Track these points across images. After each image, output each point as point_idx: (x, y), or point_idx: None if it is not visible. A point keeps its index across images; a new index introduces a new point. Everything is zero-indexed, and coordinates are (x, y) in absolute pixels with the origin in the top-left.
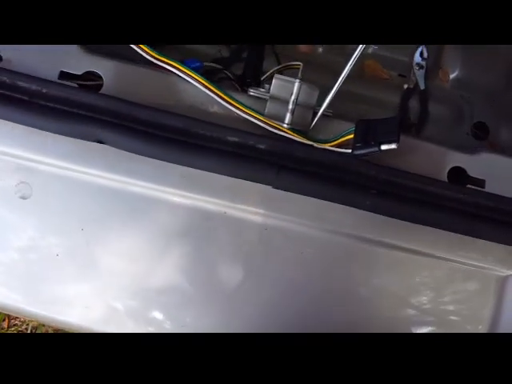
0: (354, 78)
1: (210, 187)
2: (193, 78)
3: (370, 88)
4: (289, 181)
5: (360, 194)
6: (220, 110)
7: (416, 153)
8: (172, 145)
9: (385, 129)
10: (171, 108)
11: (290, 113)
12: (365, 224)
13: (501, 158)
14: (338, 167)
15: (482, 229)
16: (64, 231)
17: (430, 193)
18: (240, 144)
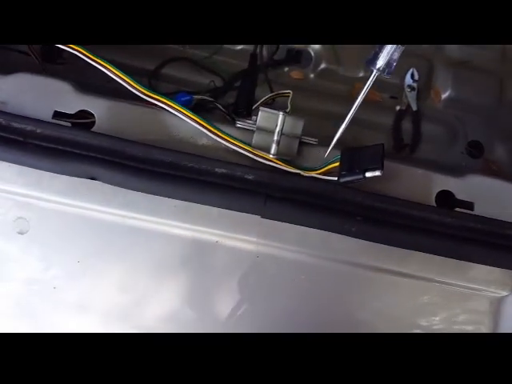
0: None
1: (203, 217)
2: (182, 112)
3: (362, 111)
4: (276, 210)
5: (345, 221)
6: (209, 142)
7: (404, 178)
8: (161, 179)
9: (369, 156)
10: (162, 143)
11: (276, 144)
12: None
13: (489, 180)
14: (324, 195)
15: (471, 252)
16: (61, 264)
17: (415, 217)
18: (228, 175)
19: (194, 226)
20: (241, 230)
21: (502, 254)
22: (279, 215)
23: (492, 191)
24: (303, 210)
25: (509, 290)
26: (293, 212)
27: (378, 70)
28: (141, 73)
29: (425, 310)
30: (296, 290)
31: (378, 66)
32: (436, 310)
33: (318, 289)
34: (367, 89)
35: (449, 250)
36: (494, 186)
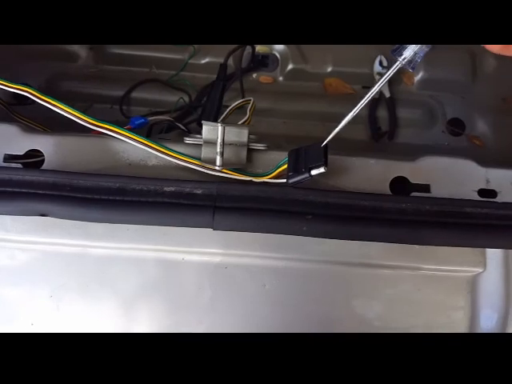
0: (318, 98)
1: (164, 236)
2: (127, 136)
3: (336, 105)
4: (225, 221)
5: (295, 222)
6: (159, 162)
7: (357, 170)
8: (110, 206)
9: (313, 154)
10: (112, 170)
11: (220, 155)
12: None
13: (442, 159)
14: (275, 198)
15: (430, 235)
16: (33, 301)
17: (368, 208)
18: (176, 193)
19: (157, 246)
20: (204, 243)
21: (463, 232)
22: (229, 225)
23: (447, 170)
24: (251, 217)
25: (482, 266)
26: (241, 220)
27: (402, 60)
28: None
29: (401, 298)
30: (269, 295)
31: (403, 57)
32: (412, 298)
33: (290, 290)
34: (385, 79)
35: (407, 236)
36: (447, 165)
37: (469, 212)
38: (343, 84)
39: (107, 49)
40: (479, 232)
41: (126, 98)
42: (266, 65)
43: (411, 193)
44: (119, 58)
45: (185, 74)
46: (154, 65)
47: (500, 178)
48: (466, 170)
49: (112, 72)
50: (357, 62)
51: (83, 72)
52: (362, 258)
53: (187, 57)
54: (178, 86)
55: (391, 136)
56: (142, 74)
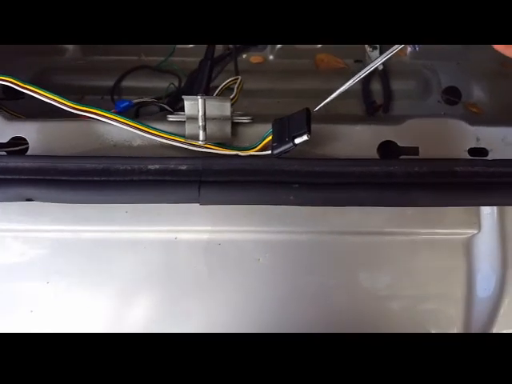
0: (310, 75)
1: (155, 216)
2: (111, 118)
3: (329, 80)
4: (211, 195)
5: (282, 192)
6: (144, 142)
7: (344, 137)
8: (96, 187)
9: (296, 123)
10: (97, 152)
11: (202, 129)
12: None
13: (428, 120)
14: (260, 170)
15: (420, 196)
16: (31, 288)
17: (355, 173)
18: (161, 170)
19: (149, 227)
20: (196, 220)
21: (454, 192)
22: (215, 199)
23: (435, 131)
24: (237, 190)
25: (477, 227)
26: (227, 193)
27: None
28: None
29: (398, 265)
30: (263, 268)
31: None
32: (409, 263)
33: (284, 263)
34: (390, 54)
35: (397, 198)
36: (436, 126)
37: (459, 171)
38: (335, 59)
39: None
40: (470, 190)
41: (116, 87)
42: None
43: (400, 156)
44: (107, 48)
45: (174, 60)
46: (142, 52)
47: (490, 135)
48: (455, 130)
49: (101, 62)
50: None
51: (72, 64)
52: (356, 227)
53: None
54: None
55: (386, 109)
56: (131, 62)
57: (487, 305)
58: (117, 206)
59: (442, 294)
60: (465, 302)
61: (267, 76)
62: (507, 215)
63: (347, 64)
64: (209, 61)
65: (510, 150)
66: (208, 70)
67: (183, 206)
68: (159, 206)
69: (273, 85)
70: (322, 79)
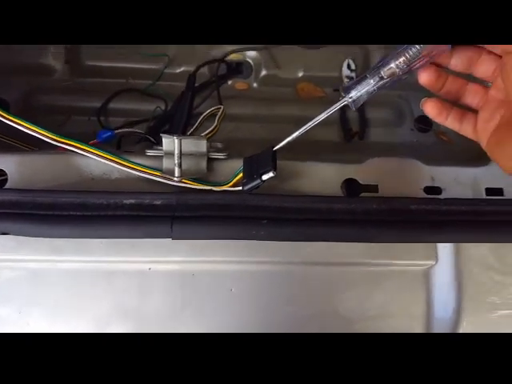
0: (291, 103)
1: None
2: (89, 151)
3: (309, 108)
4: (183, 230)
5: (252, 227)
6: (122, 175)
7: (311, 174)
8: (70, 222)
9: (263, 160)
10: (75, 185)
11: (178, 166)
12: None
13: (388, 160)
14: (232, 205)
15: (378, 233)
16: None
17: (321, 210)
18: (136, 205)
19: (123, 257)
20: (170, 251)
21: (409, 229)
22: (187, 234)
23: (394, 170)
24: (209, 225)
25: (434, 259)
26: (199, 229)
27: (349, 98)
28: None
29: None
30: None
31: (350, 95)
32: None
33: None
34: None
35: (357, 235)
36: (394, 165)
37: (414, 209)
38: (314, 88)
39: (83, 61)
40: (424, 228)
41: (103, 108)
42: (241, 72)
43: (361, 193)
44: (95, 70)
45: (161, 84)
46: (130, 76)
47: (444, 175)
48: (412, 169)
49: (89, 84)
50: (326, 66)
51: (60, 85)
52: (324, 258)
53: (163, 66)
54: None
55: (362, 136)
56: (119, 84)
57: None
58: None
59: (402, 323)
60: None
61: (251, 102)
62: (461, 248)
63: (326, 93)
64: (190, 92)
65: (461, 188)
66: (189, 101)
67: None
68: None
69: (256, 110)
70: (302, 106)
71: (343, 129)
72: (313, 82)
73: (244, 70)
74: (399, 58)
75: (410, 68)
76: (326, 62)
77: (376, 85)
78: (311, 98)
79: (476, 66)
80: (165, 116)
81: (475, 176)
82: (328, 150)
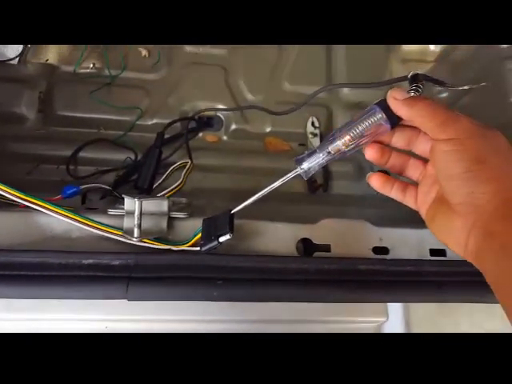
0: (259, 155)
1: (87, 305)
2: (50, 210)
3: (275, 161)
4: (138, 291)
5: (206, 288)
6: (82, 233)
7: (267, 234)
8: (27, 282)
9: (221, 222)
10: (35, 244)
11: (137, 227)
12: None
13: (340, 221)
14: (189, 266)
15: (327, 294)
16: None
17: (274, 269)
18: (94, 265)
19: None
20: (126, 310)
21: (356, 289)
22: (143, 296)
23: (345, 230)
24: (164, 286)
25: (385, 316)
26: (155, 290)
27: (301, 169)
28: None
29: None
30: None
31: (302, 167)
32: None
33: None
34: (286, 178)
35: (308, 295)
36: (345, 226)
37: (363, 269)
38: (281, 142)
39: (55, 111)
40: (371, 288)
41: (73, 157)
42: (212, 125)
43: (314, 253)
44: (67, 120)
45: (132, 135)
46: (101, 126)
47: (391, 236)
48: (362, 230)
49: (60, 133)
50: (292, 123)
51: (30, 133)
52: (280, 315)
53: (135, 118)
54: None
55: (325, 188)
56: (90, 134)
57: None
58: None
59: None
60: None
61: (220, 154)
62: (410, 304)
63: (292, 147)
64: (157, 149)
65: (406, 249)
66: (156, 157)
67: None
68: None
69: (225, 162)
70: (269, 159)
71: (308, 181)
72: (280, 136)
73: (215, 124)
74: (344, 137)
75: (355, 145)
76: (292, 119)
77: (324, 158)
78: (278, 151)
79: (415, 143)
80: (134, 166)
81: (420, 237)
82: (293, 201)
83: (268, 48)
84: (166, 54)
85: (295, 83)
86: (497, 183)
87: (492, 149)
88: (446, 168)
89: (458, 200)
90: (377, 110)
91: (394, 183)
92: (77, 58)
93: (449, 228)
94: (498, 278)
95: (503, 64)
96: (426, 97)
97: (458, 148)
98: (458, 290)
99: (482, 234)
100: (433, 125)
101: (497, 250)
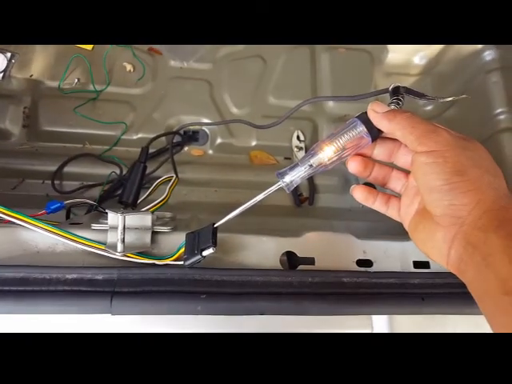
0: (244, 169)
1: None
2: (34, 225)
3: (261, 174)
4: (122, 306)
5: (190, 302)
6: (66, 248)
7: (252, 247)
8: (12, 297)
9: (204, 236)
10: (19, 258)
11: (121, 242)
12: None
13: (324, 234)
14: (173, 280)
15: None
16: None
17: (259, 283)
18: (77, 280)
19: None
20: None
21: (339, 302)
22: (127, 310)
23: (329, 243)
24: (148, 300)
25: (370, 328)
26: (138, 304)
27: (283, 182)
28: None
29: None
30: None
31: (284, 180)
32: None
33: None
34: (269, 192)
35: (291, 308)
36: (329, 239)
37: (346, 282)
38: (267, 156)
39: (40, 127)
40: (354, 301)
41: (58, 172)
42: (197, 139)
43: (299, 266)
44: (52, 135)
45: (118, 149)
46: (87, 141)
47: (375, 248)
48: (346, 243)
49: (45, 148)
50: (277, 136)
51: (15, 149)
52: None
53: (120, 133)
54: (110, 160)
55: (311, 201)
56: (76, 149)
57: None
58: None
59: None
60: None
61: (206, 167)
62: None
63: (278, 160)
64: (142, 164)
65: (390, 261)
66: (141, 172)
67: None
68: None
69: (211, 176)
70: (255, 173)
71: (294, 194)
72: (265, 150)
73: (200, 138)
74: (326, 150)
75: (338, 158)
76: (278, 133)
77: (307, 171)
78: (263, 165)
79: (396, 156)
80: (119, 181)
81: (404, 249)
82: (279, 215)
83: (252, 62)
84: (150, 69)
85: (280, 97)
86: (477, 195)
87: (472, 161)
88: (426, 180)
89: (440, 212)
90: (358, 122)
91: (376, 195)
92: (61, 74)
93: (431, 239)
94: (480, 288)
95: (487, 77)
96: (406, 110)
97: (437, 160)
98: (442, 302)
99: (463, 245)
100: (412, 138)
101: (478, 261)
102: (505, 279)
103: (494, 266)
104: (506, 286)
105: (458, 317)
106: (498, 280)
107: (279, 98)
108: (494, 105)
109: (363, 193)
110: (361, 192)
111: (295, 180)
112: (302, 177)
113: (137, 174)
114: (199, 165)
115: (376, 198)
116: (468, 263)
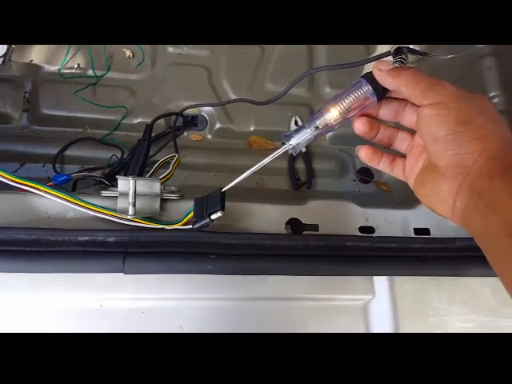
0: (243, 154)
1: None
2: (45, 191)
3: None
4: (135, 265)
5: (201, 262)
6: (76, 214)
7: (258, 214)
8: (24, 257)
9: (212, 201)
10: (30, 223)
11: (132, 205)
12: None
13: (327, 202)
14: (182, 242)
15: (317, 267)
16: None
17: (266, 246)
18: (90, 242)
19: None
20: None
21: (344, 263)
22: (139, 269)
23: (332, 211)
24: (160, 260)
25: (372, 294)
26: (150, 263)
27: (289, 145)
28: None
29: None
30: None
31: (291, 143)
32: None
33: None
34: (276, 155)
35: (299, 268)
36: (333, 207)
37: (350, 245)
38: (265, 141)
39: (41, 111)
40: (359, 262)
41: (59, 156)
42: (196, 124)
43: (303, 232)
44: (53, 119)
45: (118, 134)
46: (87, 125)
47: (376, 216)
48: (349, 211)
49: (46, 132)
50: (276, 121)
51: (17, 132)
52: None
53: (120, 117)
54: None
55: (309, 185)
56: (76, 134)
57: None
58: (45, 274)
59: None
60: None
61: (205, 152)
62: (396, 284)
63: (276, 145)
64: (146, 141)
65: (391, 228)
66: (145, 149)
67: (109, 276)
68: (86, 274)
69: (210, 160)
70: (253, 157)
71: (292, 178)
72: (264, 135)
73: (199, 123)
74: (332, 111)
75: (343, 119)
76: (276, 119)
77: (312, 133)
78: (262, 150)
79: (402, 115)
80: (120, 164)
81: (404, 217)
82: (278, 199)
83: (250, 48)
84: (149, 55)
85: (277, 83)
86: (482, 143)
87: (477, 110)
88: (431, 132)
89: (445, 162)
90: (363, 82)
91: (381, 156)
92: (61, 59)
93: (436, 192)
94: (485, 234)
95: (481, 62)
96: (410, 67)
97: (441, 111)
98: (442, 264)
99: (468, 194)
100: (417, 92)
101: (483, 207)
102: (509, 222)
103: (498, 211)
104: (510, 229)
105: (457, 282)
106: (503, 223)
107: (277, 84)
108: (489, 88)
109: (368, 153)
110: (366, 152)
111: (301, 143)
112: (308, 139)
113: (141, 151)
114: (198, 149)
115: (381, 159)
116: (473, 212)
